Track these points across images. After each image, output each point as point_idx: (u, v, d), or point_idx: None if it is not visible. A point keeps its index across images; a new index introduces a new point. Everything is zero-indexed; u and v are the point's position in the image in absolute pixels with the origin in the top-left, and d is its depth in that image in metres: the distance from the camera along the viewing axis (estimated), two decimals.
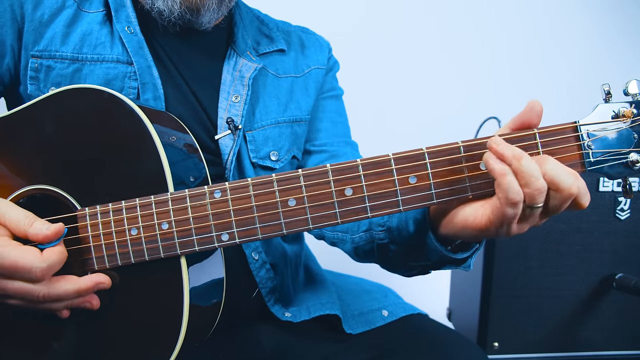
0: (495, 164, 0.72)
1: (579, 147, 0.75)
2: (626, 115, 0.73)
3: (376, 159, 0.77)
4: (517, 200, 0.71)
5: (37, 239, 0.83)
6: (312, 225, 0.80)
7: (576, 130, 0.74)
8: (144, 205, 0.85)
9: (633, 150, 0.74)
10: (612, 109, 0.74)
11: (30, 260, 0.81)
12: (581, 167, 0.75)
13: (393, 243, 0.97)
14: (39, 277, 0.81)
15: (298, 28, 1.33)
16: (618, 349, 1.67)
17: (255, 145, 1.13)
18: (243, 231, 0.82)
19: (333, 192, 0.78)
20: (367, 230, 1.05)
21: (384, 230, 0.99)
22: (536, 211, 0.73)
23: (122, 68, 1.05)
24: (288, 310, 1.15)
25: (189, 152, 0.95)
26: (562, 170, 0.71)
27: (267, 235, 0.81)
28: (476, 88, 2.37)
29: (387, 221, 0.99)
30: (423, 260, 0.93)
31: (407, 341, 1.09)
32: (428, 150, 0.75)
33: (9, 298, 0.84)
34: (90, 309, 0.87)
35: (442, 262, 0.90)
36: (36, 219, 0.85)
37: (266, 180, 0.81)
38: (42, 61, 1.04)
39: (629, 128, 0.74)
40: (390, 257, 1.01)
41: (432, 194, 0.76)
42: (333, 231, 1.13)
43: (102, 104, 0.90)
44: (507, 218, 0.72)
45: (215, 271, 0.93)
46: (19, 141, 0.93)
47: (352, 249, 1.10)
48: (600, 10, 2.49)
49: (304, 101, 1.23)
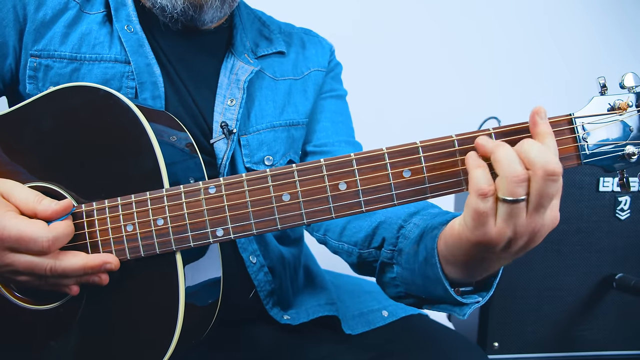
0: (469, 158, 0.70)
1: (574, 140, 0.74)
2: (622, 107, 0.72)
3: (370, 153, 0.77)
4: (484, 191, 0.67)
5: (46, 214, 0.84)
6: (306, 220, 0.79)
7: (571, 122, 0.74)
8: (139, 201, 0.85)
9: (629, 142, 0.73)
10: (608, 101, 0.74)
11: (36, 230, 0.81)
12: (577, 160, 0.74)
13: (398, 264, 0.93)
14: (45, 247, 0.81)
15: (301, 30, 1.32)
16: (618, 349, 1.66)
17: (250, 150, 1.12)
18: (238, 226, 0.82)
19: (327, 186, 0.78)
20: (378, 247, 1.00)
21: (393, 250, 0.95)
22: (517, 206, 0.67)
23: (119, 67, 1.05)
24: (287, 313, 1.15)
25: (188, 152, 0.95)
26: (535, 147, 0.67)
27: (261, 230, 0.81)
28: (476, 88, 2.37)
29: (399, 242, 0.94)
30: (422, 290, 0.87)
31: (407, 341, 1.08)
32: (422, 144, 0.75)
33: (17, 274, 0.84)
34: (99, 284, 0.86)
35: (442, 299, 0.84)
36: (45, 197, 0.85)
37: (260, 175, 0.81)
38: (41, 60, 1.04)
39: (624, 120, 0.73)
40: (389, 279, 0.97)
41: (426, 188, 0.75)
42: (339, 241, 1.10)
43: (98, 101, 0.90)
44: (479, 215, 0.68)
45: (212, 270, 0.93)
46: (16, 139, 0.94)
47: (357, 262, 1.06)
48: (599, 10, 2.49)
49: (302, 104, 1.21)
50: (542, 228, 0.69)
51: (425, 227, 0.87)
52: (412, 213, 0.96)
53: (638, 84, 0.73)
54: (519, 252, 0.72)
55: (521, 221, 0.68)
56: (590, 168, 1.60)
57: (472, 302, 0.82)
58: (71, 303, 0.90)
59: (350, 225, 1.07)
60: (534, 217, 0.68)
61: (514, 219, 0.67)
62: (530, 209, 0.67)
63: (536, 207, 0.67)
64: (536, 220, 0.68)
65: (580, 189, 1.61)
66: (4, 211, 0.83)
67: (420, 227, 0.89)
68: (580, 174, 1.61)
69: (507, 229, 0.68)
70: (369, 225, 1.02)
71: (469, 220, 0.69)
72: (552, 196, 0.66)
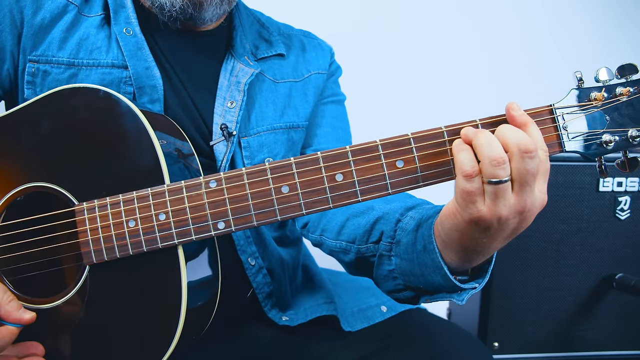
0: (455, 145, 0.75)
1: (555, 129, 0.78)
2: (598, 99, 0.78)
3: (364, 145, 0.79)
4: (469, 172, 0.71)
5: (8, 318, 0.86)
6: (305, 210, 0.82)
7: (552, 112, 0.79)
8: (141, 197, 0.87)
9: (606, 131, 0.78)
10: (585, 93, 0.79)
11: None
12: (558, 147, 0.78)
13: (396, 256, 0.94)
14: None
15: (300, 32, 1.33)
16: (618, 349, 1.66)
17: (250, 152, 1.13)
18: (239, 219, 0.84)
19: (324, 178, 0.81)
20: (376, 241, 1.01)
21: (391, 243, 0.97)
22: (501, 186, 0.70)
23: (117, 73, 1.05)
24: (285, 314, 1.15)
25: (184, 157, 0.96)
26: (509, 130, 0.72)
27: (262, 222, 0.83)
28: (476, 88, 2.37)
29: (397, 235, 0.96)
30: (421, 279, 0.89)
31: (406, 335, 1.08)
32: (413, 136, 0.78)
33: None
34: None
35: (440, 287, 0.87)
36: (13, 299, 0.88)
37: (260, 168, 0.83)
38: (39, 66, 1.04)
39: (601, 111, 0.78)
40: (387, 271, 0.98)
41: (419, 177, 0.78)
42: (336, 240, 1.10)
43: (97, 102, 0.91)
44: (467, 194, 0.72)
45: (211, 267, 0.95)
46: (16, 140, 0.95)
47: (355, 259, 1.06)
48: (599, 9, 2.49)
49: (302, 107, 1.22)
50: (532, 207, 0.73)
51: (421, 218, 0.89)
52: (409, 207, 0.98)
53: (611, 78, 0.78)
54: (511, 234, 0.76)
55: (509, 201, 0.72)
56: (590, 168, 1.60)
57: (469, 288, 0.85)
58: (72, 300, 0.91)
59: (349, 223, 1.08)
60: (521, 195, 0.72)
61: (501, 199, 0.71)
62: (516, 188, 0.71)
63: (521, 186, 0.71)
64: (525, 199, 0.72)
65: (580, 189, 1.62)
66: None
67: (416, 219, 0.91)
68: (580, 174, 1.62)
69: (496, 208, 0.71)
70: (367, 221, 1.03)
71: (460, 200, 0.74)
72: (533, 174, 0.71)
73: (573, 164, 1.60)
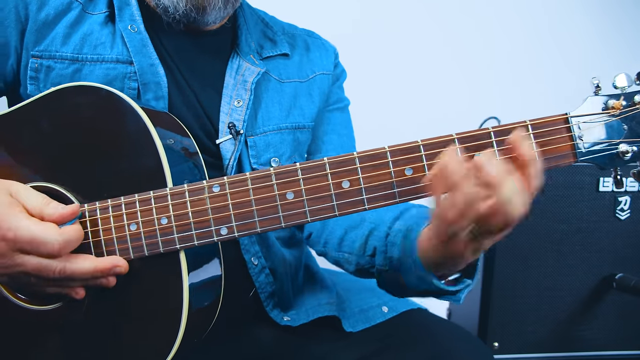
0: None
1: (570, 138, 0.76)
2: (615, 107, 0.75)
3: (372, 151, 0.78)
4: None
5: (53, 218, 0.84)
6: (310, 217, 0.80)
7: (567, 121, 0.76)
8: (143, 200, 0.85)
9: (623, 141, 0.76)
10: (602, 101, 0.77)
11: (48, 233, 0.81)
12: (573, 158, 0.77)
13: (393, 270, 0.99)
14: (56, 250, 0.82)
15: (304, 32, 1.32)
16: (618, 349, 1.67)
17: (257, 151, 1.12)
18: (242, 225, 0.83)
19: (330, 184, 0.79)
20: (371, 255, 1.05)
21: (385, 257, 1.01)
22: None
23: (121, 68, 1.04)
24: (287, 314, 1.14)
25: (188, 155, 0.95)
26: None
27: (265, 229, 0.82)
28: (476, 88, 2.37)
29: (389, 250, 1.00)
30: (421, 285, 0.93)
31: (407, 335, 1.08)
32: (423, 143, 0.77)
33: (25, 275, 0.84)
34: (106, 286, 0.87)
35: (433, 291, 0.92)
36: (52, 200, 0.86)
37: (264, 174, 0.81)
38: (42, 61, 1.03)
39: (618, 120, 0.76)
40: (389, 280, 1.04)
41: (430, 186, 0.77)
42: (338, 251, 1.13)
43: (100, 101, 0.90)
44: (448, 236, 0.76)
45: (213, 269, 0.94)
46: (17, 139, 0.94)
47: (356, 270, 1.11)
48: (599, 10, 2.49)
49: (307, 108, 1.21)
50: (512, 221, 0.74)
51: (406, 229, 0.94)
52: (395, 217, 1.02)
53: (630, 84, 0.76)
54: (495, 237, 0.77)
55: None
56: (590, 168, 1.60)
57: (463, 287, 0.90)
58: (74, 303, 0.90)
59: (347, 236, 1.11)
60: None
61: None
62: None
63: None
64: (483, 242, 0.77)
65: (580, 189, 1.62)
66: (16, 211, 0.83)
67: (402, 231, 0.96)
68: (580, 174, 1.61)
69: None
70: (362, 234, 1.07)
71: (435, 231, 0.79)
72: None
73: (573, 164, 1.59)
